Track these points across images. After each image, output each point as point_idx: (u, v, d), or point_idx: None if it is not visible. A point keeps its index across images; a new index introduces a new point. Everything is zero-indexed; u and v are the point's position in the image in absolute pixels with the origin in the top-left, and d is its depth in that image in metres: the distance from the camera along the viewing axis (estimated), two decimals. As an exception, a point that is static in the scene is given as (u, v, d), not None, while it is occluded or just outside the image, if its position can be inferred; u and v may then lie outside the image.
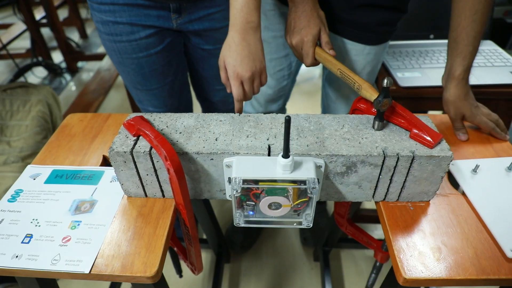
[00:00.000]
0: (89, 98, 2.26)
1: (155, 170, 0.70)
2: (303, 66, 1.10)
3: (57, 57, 3.14)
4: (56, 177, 0.82)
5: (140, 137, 0.70)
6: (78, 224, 0.72)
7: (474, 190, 0.78)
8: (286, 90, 1.26)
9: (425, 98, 1.22)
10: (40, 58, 2.90)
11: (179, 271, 1.22)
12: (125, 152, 0.67)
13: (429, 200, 0.76)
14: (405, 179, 0.71)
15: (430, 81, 1.21)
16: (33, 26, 2.70)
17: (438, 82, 1.20)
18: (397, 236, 0.69)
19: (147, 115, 0.76)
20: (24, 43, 3.08)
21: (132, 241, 0.68)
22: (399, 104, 0.73)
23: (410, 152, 0.67)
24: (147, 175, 0.71)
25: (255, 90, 0.83)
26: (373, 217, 1.64)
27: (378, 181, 0.72)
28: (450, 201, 0.77)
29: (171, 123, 0.74)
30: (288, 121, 0.55)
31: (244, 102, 0.84)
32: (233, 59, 0.78)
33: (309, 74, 2.95)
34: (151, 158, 0.68)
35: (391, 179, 0.71)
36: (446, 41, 1.44)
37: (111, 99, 2.68)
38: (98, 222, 0.72)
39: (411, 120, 0.70)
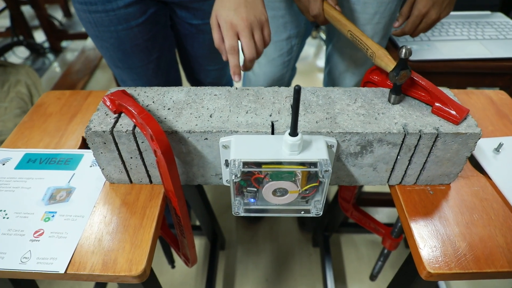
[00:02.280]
0: (73, 79, 2.13)
1: (140, 153, 0.61)
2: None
3: (40, 36, 2.98)
4: (28, 162, 0.72)
5: (122, 114, 0.61)
6: (53, 216, 0.62)
7: (498, 171, 0.71)
8: (285, 79, 1.15)
9: (434, 73, 1.13)
10: (21, 37, 2.74)
11: (171, 261, 1.13)
12: (104, 131, 0.57)
13: (450, 183, 0.68)
14: (426, 160, 0.63)
15: (440, 54, 1.12)
16: (12, 3, 2.54)
17: (448, 56, 1.12)
18: (417, 224, 0.61)
19: (130, 89, 0.66)
20: (4, 22, 2.91)
21: (115, 234, 0.59)
22: (419, 75, 0.64)
23: (434, 128, 0.58)
24: (131, 158, 0.62)
25: (258, 47, 0.69)
26: (374, 200, 1.57)
27: (395, 162, 0.63)
28: (473, 183, 0.69)
29: (158, 98, 0.64)
30: (298, 91, 0.46)
31: None
32: (227, 8, 0.66)
33: (303, 53, 2.84)
34: (135, 138, 0.58)
35: (410, 160, 0.63)
36: (456, 13, 1.36)
37: (97, 79, 2.55)
38: (76, 213, 0.63)
39: (434, 92, 0.61)
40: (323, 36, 2.76)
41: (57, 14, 3.31)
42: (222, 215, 1.61)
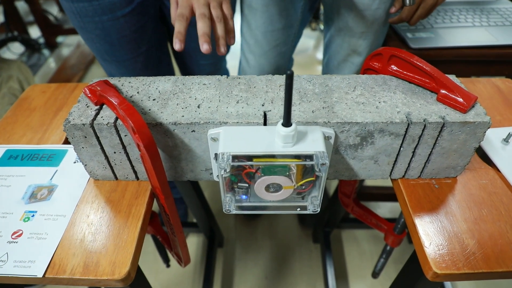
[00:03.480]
0: (67, 74, 2.09)
1: (124, 147, 0.57)
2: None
3: (35, 32, 2.93)
4: (9, 159, 0.69)
5: (104, 106, 0.56)
6: (33, 215, 0.59)
7: (507, 163, 0.66)
8: (282, 71, 1.10)
9: (438, 61, 1.08)
10: (15, 33, 2.69)
11: (166, 260, 1.09)
12: (83, 124, 0.53)
13: (456, 176, 0.64)
14: (431, 152, 0.58)
15: (444, 42, 1.07)
16: (6, -2, 2.50)
17: (452, 43, 1.08)
18: (422, 221, 0.57)
19: (114, 80, 0.62)
20: (-2, 17, 2.87)
21: (98, 234, 0.55)
22: (422, 60, 0.60)
23: (440, 117, 0.54)
24: (115, 153, 0.58)
25: (216, 23, 0.66)
26: (376, 195, 1.53)
27: (398, 154, 0.59)
28: (480, 176, 0.65)
29: (143, 89, 0.60)
30: (290, 76, 0.41)
31: None
32: None
33: (303, 46, 2.79)
34: (117, 131, 0.54)
35: (414, 152, 0.58)
36: (459, -1, 1.31)
37: (92, 74, 2.50)
38: (57, 212, 0.59)
39: (439, 78, 0.57)
40: (323, 27, 2.71)
41: (52, 9, 3.26)
42: (220, 211, 1.57)
